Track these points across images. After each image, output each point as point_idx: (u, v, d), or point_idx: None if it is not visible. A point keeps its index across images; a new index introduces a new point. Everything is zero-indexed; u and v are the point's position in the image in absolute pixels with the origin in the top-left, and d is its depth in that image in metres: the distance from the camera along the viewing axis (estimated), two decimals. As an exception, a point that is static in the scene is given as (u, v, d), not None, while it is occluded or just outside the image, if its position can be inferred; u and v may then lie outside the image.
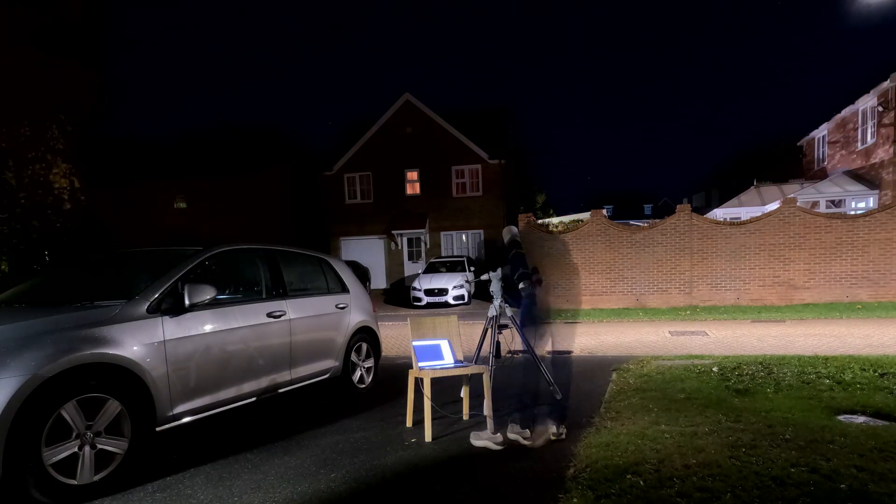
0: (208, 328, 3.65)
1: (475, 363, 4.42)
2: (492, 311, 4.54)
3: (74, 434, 2.82)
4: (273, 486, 3.03)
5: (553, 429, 3.67)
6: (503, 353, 4.45)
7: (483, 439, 3.64)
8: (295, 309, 4.50)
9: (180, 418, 3.43)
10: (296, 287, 4.77)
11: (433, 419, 3.88)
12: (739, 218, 16.63)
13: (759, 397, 4.45)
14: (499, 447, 3.57)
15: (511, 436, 3.65)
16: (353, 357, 5.32)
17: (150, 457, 3.47)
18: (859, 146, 16.54)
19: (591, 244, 13.92)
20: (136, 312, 3.26)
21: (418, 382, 4.17)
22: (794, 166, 22.92)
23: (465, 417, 4.28)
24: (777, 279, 12.83)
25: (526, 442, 3.58)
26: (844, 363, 5.55)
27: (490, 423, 3.93)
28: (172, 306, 3.45)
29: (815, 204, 15.82)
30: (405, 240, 22.18)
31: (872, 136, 15.74)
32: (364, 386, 5.42)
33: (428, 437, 3.75)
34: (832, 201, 16.21)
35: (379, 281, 22.09)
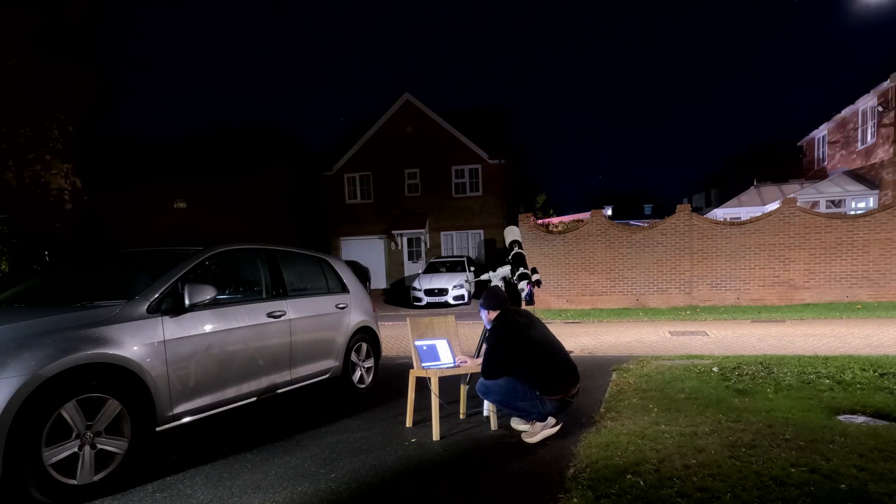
0: (208, 328, 3.65)
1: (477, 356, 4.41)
2: None
3: (74, 434, 2.83)
4: (273, 486, 3.03)
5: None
6: None
7: (538, 433, 3.59)
8: (295, 309, 4.50)
9: (180, 418, 3.43)
10: (296, 287, 4.77)
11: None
12: (739, 218, 16.63)
13: (759, 397, 4.45)
14: (554, 429, 3.62)
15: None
16: (353, 357, 5.32)
17: (150, 457, 3.47)
18: (859, 146, 16.54)
19: (591, 244, 13.92)
20: (136, 312, 3.26)
21: (420, 382, 4.17)
22: (794, 166, 22.92)
23: (462, 417, 4.28)
24: (777, 279, 12.83)
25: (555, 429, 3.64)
26: (844, 363, 5.55)
27: (494, 420, 3.94)
28: (172, 306, 3.45)
29: (815, 204, 15.83)
30: (405, 240, 22.18)
31: (872, 136, 15.75)
32: (364, 386, 5.42)
33: (436, 435, 3.75)
34: (832, 201, 16.22)
35: (379, 281, 22.09)
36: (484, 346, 4.04)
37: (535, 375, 3.61)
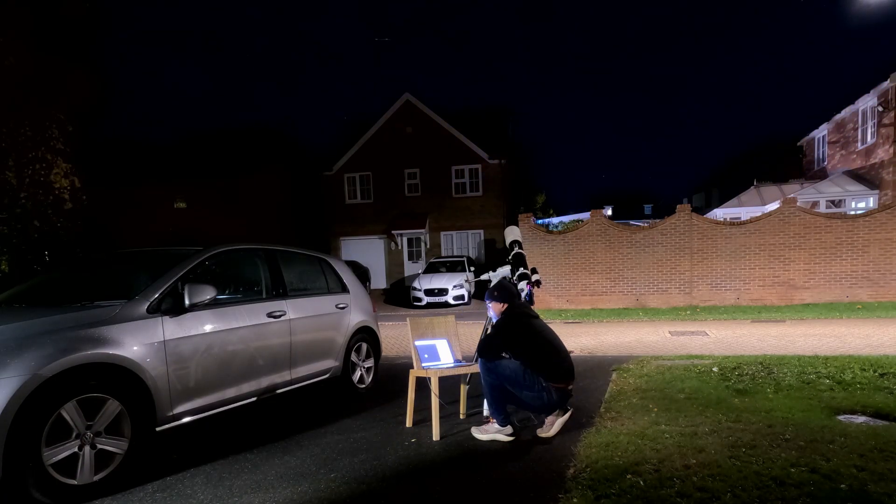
0: (208, 328, 3.65)
1: (475, 363, 4.43)
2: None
3: (74, 434, 2.83)
4: (273, 486, 3.03)
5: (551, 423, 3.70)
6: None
7: (490, 433, 3.67)
8: (295, 309, 4.50)
9: (180, 418, 3.43)
10: (296, 287, 4.77)
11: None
12: (739, 218, 16.63)
13: (759, 397, 4.45)
14: (509, 438, 3.62)
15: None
16: (353, 357, 5.32)
17: (150, 457, 3.47)
18: (859, 146, 16.54)
19: (591, 244, 13.92)
20: (136, 312, 3.26)
21: (420, 381, 4.17)
22: (794, 166, 22.92)
23: (462, 417, 4.28)
24: (777, 279, 12.83)
25: (507, 438, 3.64)
26: (844, 363, 5.55)
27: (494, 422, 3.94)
28: (172, 306, 3.45)
29: (815, 204, 15.82)
30: (405, 240, 22.18)
31: (872, 136, 15.75)
32: (364, 386, 5.42)
33: (436, 435, 3.75)
34: (832, 201, 16.21)
35: (379, 281, 22.09)
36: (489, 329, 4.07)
37: (544, 363, 3.64)
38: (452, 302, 16.09)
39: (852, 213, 14.63)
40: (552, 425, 3.66)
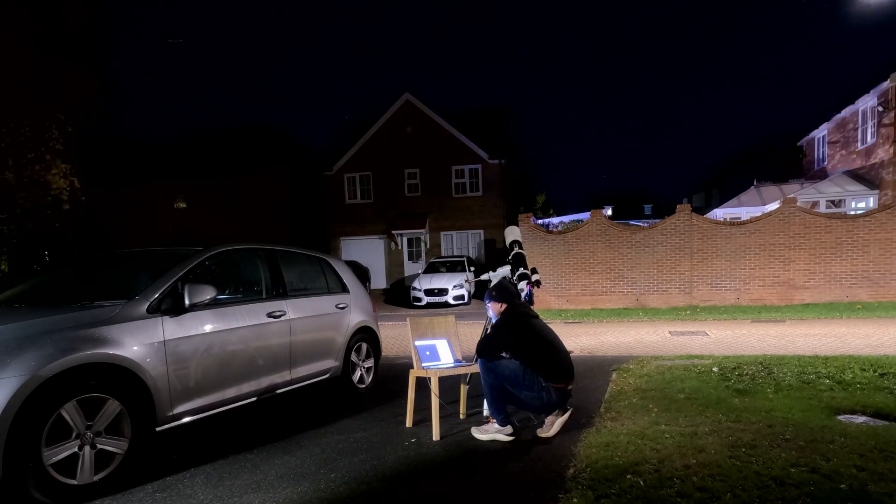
0: (208, 328, 3.65)
1: (475, 363, 4.43)
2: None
3: (74, 434, 2.82)
4: (273, 486, 3.03)
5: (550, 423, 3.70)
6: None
7: (490, 433, 3.68)
8: (295, 309, 4.50)
9: (180, 418, 3.43)
10: (296, 287, 4.77)
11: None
12: (739, 218, 16.63)
13: (759, 397, 4.45)
14: (509, 438, 3.62)
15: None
16: (353, 357, 5.32)
17: (150, 457, 3.47)
18: (859, 146, 16.54)
19: (591, 244, 13.92)
20: (136, 312, 3.26)
21: (420, 381, 4.17)
22: (794, 166, 22.91)
23: (462, 417, 4.28)
24: (777, 279, 12.83)
25: (507, 438, 3.65)
26: (844, 363, 5.55)
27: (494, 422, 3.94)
28: (172, 306, 3.44)
29: (815, 204, 15.82)
30: (405, 240, 22.18)
31: (872, 136, 15.75)
32: (364, 386, 5.42)
33: (436, 435, 3.75)
34: (832, 201, 16.21)
35: (379, 281, 22.09)
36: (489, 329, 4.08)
37: (543, 363, 3.65)
38: (452, 302, 16.09)
39: (852, 213, 14.63)
40: (552, 425, 3.66)
